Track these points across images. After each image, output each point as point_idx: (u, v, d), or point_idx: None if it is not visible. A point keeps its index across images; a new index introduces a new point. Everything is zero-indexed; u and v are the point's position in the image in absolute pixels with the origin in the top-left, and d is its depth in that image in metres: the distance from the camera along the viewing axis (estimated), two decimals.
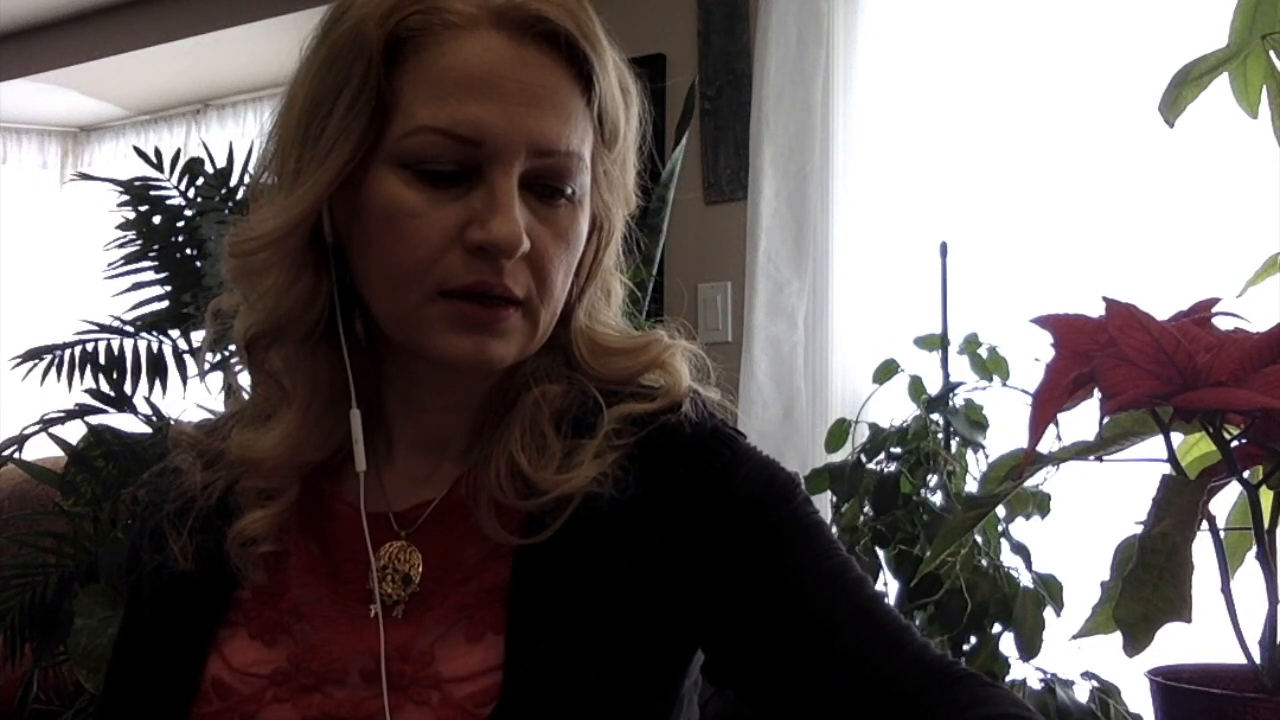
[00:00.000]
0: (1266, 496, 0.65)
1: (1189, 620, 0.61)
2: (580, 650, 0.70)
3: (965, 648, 1.81)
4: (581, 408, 0.78)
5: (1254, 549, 0.65)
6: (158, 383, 2.06)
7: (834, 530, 1.93)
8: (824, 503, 2.03)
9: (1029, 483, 1.50)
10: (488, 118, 0.68)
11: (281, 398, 0.79)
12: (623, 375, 0.80)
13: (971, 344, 1.98)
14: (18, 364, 2.10)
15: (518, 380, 0.78)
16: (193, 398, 2.01)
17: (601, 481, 0.73)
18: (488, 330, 0.71)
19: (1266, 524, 0.64)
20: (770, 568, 0.73)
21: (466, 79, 0.69)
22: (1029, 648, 1.75)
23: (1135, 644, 0.62)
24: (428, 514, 0.78)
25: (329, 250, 0.75)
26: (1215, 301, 0.69)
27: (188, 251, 2.04)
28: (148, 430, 2.00)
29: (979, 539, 1.77)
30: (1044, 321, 0.68)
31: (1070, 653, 1.67)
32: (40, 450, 2.13)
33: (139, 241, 2.08)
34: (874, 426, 1.99)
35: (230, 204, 2.05)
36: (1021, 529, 1.83)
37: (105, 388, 2.04)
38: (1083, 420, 0.70)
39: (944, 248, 2.08)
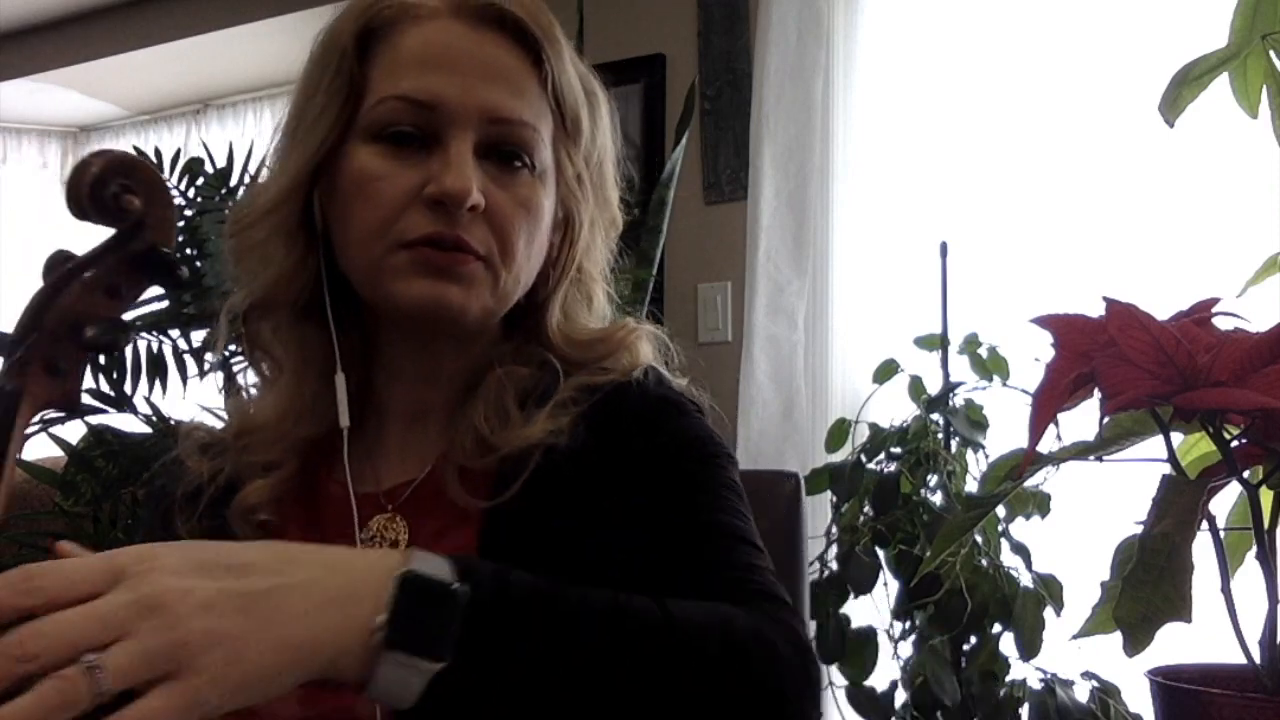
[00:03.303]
0: (1266, 496, 0.65)
1: (1189, 620, 0.61)
2: None
3: (965, 648, 1.81)
4: (547, 387, 0.84)
5: (1254, 549, 0.65)
6: (158, 383, 2.06)
7: (834, 530, 1.95)
8: (824, 503, 2.02)
9: (1029, 483, 1.50)
10: (444, 86, 0.77)
11: (276, 372, 0.87)
12: (592, 359, 0.86)
13: (971, 344, 1.98)
14: None
15: (490, 360, 0.84)
16: (193, 398, 2.01)
17: (557, 436, 0.79)
18: (446, 274, 0.77)
19: (1266, 524, 0.64)
20: (655, 508, 0.78)
21: (425, 55, 0.78)
22: (1029, 648, 1.75)
23: (1135, 644, 0.62)
24: (412, 489, 0.83)
25: (317, 232, 0.82)
26: (1215, 301, 0.69)
27: (188, 251, 2.04)
28: (148, 430, 2.00)
29: (979, 539, 1.78)
30: (1044, 321, 0.68)
31: (1070, 653, 1.67)
32: (40, 450, 2.13)
33: None
34: (874, 426, 1.99)
35: (230, 204, 2.05)
36: (1021, 529, 1.83)
37: (105, 388, 2.04)
38: (1083, 420, 0.70)
39: (944, 248, 2.08)
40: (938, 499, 1.89)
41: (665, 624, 0.64)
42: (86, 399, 2.04)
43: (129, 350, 2.08)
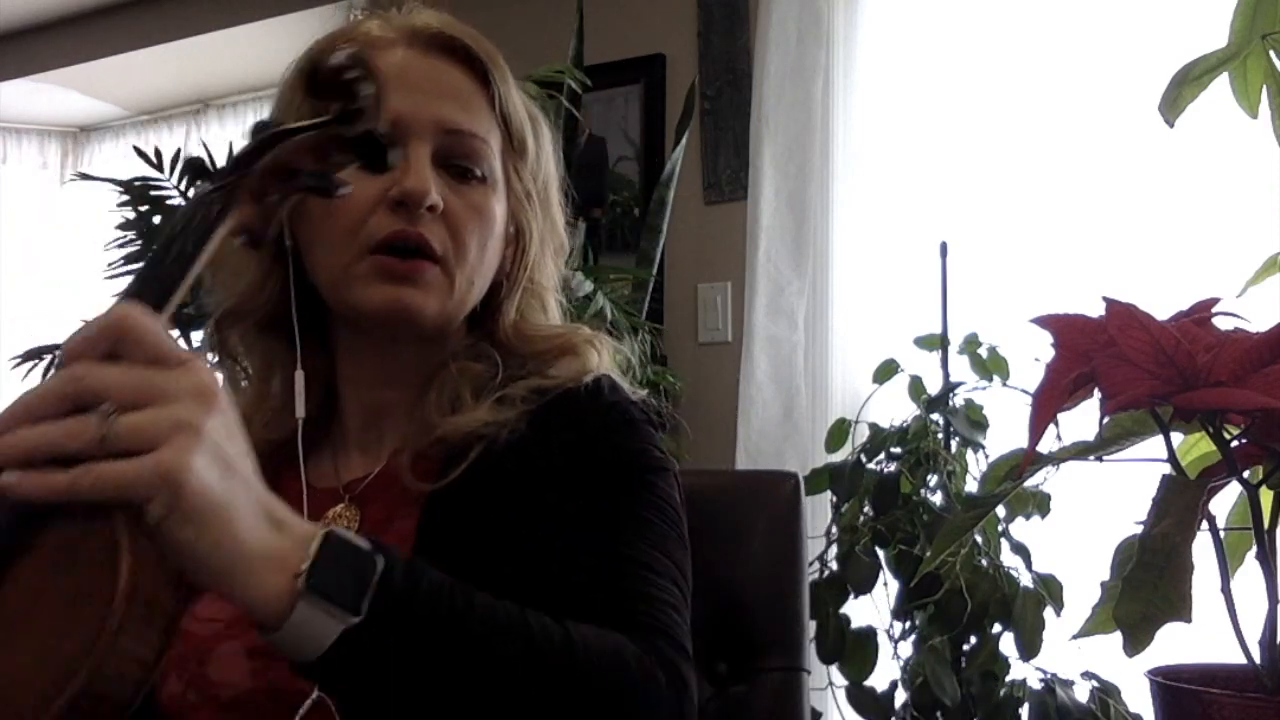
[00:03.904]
0: (1266, 496, 0.65)
1: (1189, 620, 0.61)
2: (475, 578, 0.75)
3: (965, 648, 1.81)
4: (502, 383, 0.88)
5: (1254, 549, 0.64)
6: None
7: (834, 530, 1.95)
8: (824, 503, 2.03)
9: (1029, 483, 1.50)
10: (400, 105, 0.84)
11: (243, 377, 0.94)
12: (543, 354, 0.91)
13: (971, 344, 1.98)
14: (18, 364, 2.10)
15: (446, 358, 0.89)
16: None
17: (500, 428, 0.84)
18: (406, 280, 0.84)
19: (1266, 524, 0.64)
20: (579, 519, 0.82)
21: (384, 79, 0.84)
22: (1029, 648, 1.75)
23: (1135, 644, 0.62)
24: (368, 481, 0.89)
25: (287, 253, 0.88)
26: (1215, 301, 0.69)
27: None
28: None
29: (979, 539, 1.78)
30: (1044, 321, 0.68)
31: (1070, 653, 1.67)
32: None
33: (139, 241, 2.08)
34: (874, 426, 1.99)
35: None
36: (1021, 529, 1.83)
37: None
38: (1083, 420, 0.70)
39: (944, 248, 2.08)
40: (938, 499, 1.89)
41: (563, 645, 0.68)
42: None
43: None
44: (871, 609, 1.91)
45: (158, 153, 2.12)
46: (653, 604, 0.78)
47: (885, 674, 1.87)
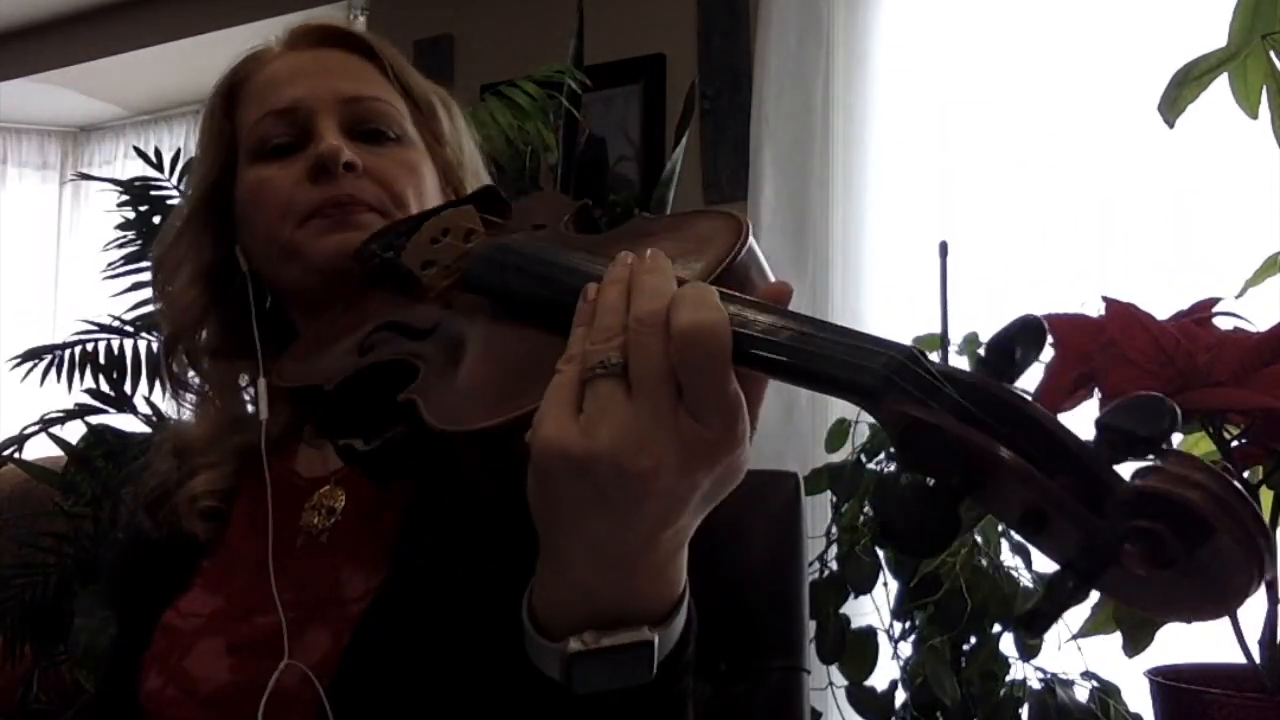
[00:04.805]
0: (1266, 496, 0.65)
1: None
2: (458, 562, 0.75)
3: (965, 648, 1.81)
4: None
5: None
6: (158, 383, 2.06)
7: (834, 530, 1.95)
8: (824, 503, 2.02)
9: None
10: (297, 91, 0.88)
11: (201, 401, 0.95)
12: None
13: (971, 344, 1.97)
14: (18, 364, 2.10)
15: None
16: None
17: None
18: (346, 225, 0.84)
19: (1267, 524, 0.64)
20: None
21: (277, 79, 0.91)
22: (1029, 648, 1.75)
23: (1135, 644, 0.62)
24: None
25: (226, 276, 0.91)
26: (1215, 301, 0.69)
27: None
28: (148, 430, 2.00)
29: (979, 539, 1.78)
30: (1044, 321, 0.68)
31: (1070, 653, 1.67)
32: (40, 450, 2.13)
33: (139, 241, 2.08)
34: (874, 426, 1.99)
35: None
36: None
37: (105, 388, 2.04)
38: (1083, 420, 0.70)
39: (944, 248, 2.07)
40: None
41: None
42: (86, 399, 2.04)
43: (129, 350, 2.08)
44: (871, 609, 1.91)
45: (158, 153, 2.12)
46: None
47: (885, 674, 1.87)
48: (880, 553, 1.87)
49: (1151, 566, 0.40)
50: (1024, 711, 1.76)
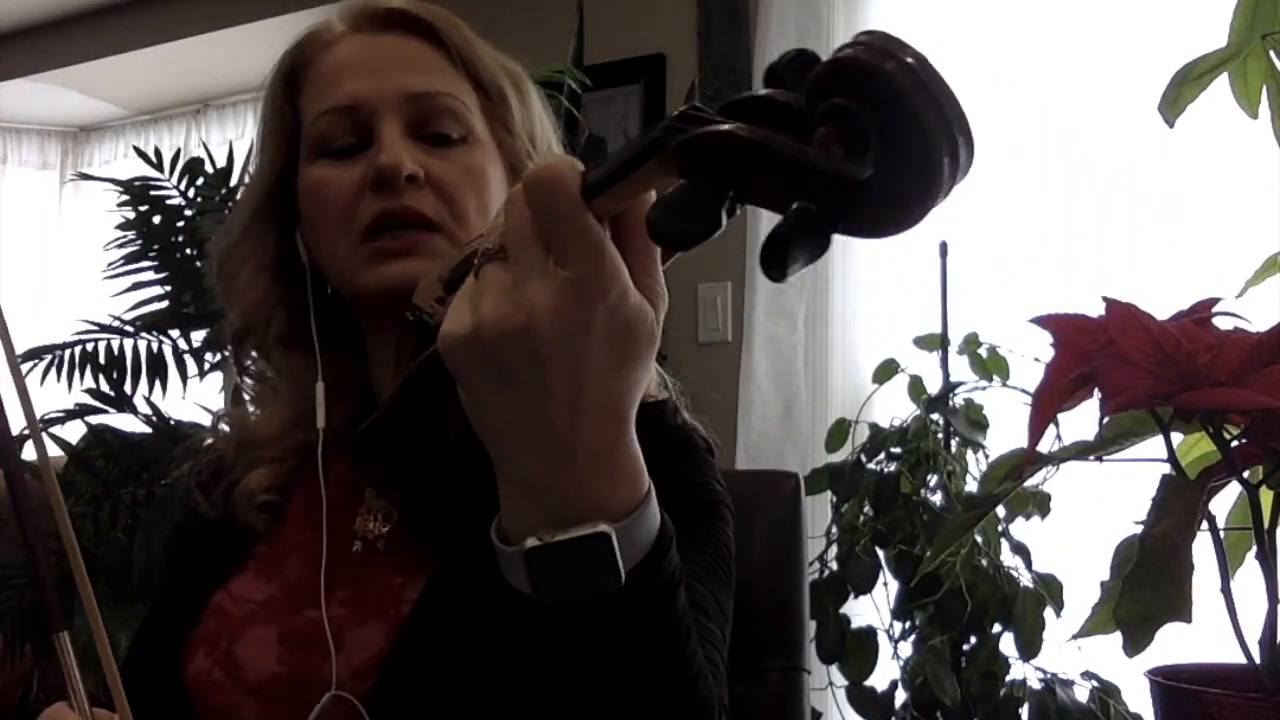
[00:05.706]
0: (1266, 496, 0.65)
1: (1189, 620, 0.61)
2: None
3: (965, 648, 1.81)
4: None
5: (1254, 549, 0.64)
6: (158, 383, 2.06)
7: (834, 530, 1.95)
8: (824, 503, 2.03)
9: (1029, 483, 1.50)
10: (360, 86, 0.84)
11: (268, 392, 0.92)
12: None
13: (971, 344, 1.98)
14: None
15: None
16: (193, 397, 2.01)
17: None
18: (405, 255, 0.82)
19: (1266, 524, 0.64)
20: None
21: (340, 69, 0.87)
22: (1029, 648, 1.75)
23: (1135, 644, 0.62)
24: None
25: (293, 264, 0.89)
26: (1215, 301, 0.69)
27: (188, 251, 2.04)
28: (148, 430, 2.00)
29: (979, 539, 1.78)
30: (1044, 321, 0.68)
31: (1070, 653, 1.67)
32: None
33: (139, 241, 2.08)
34: (874, 426, 1.99)
35: (230, 204, 2.05)
36: (1021, 529, 1.83)
37: (105, 388, 2.04)
38: (1083, 420, 0.70)
39: (944, 248, 2.08)
40: (938, 499, 1.89)
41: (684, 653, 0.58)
42: (86, 399, 2.04)
43: (129, 350, 2.08)
44: (871, 609, 1.91)
45: (158, 153, 2.11)
46: (701, 641, 0.74)
47: (885, 674, 1.87)
48: (880, 553, 1.87)
49: (848, 147, 0.43)
50: (1024, 711, 1.76)
